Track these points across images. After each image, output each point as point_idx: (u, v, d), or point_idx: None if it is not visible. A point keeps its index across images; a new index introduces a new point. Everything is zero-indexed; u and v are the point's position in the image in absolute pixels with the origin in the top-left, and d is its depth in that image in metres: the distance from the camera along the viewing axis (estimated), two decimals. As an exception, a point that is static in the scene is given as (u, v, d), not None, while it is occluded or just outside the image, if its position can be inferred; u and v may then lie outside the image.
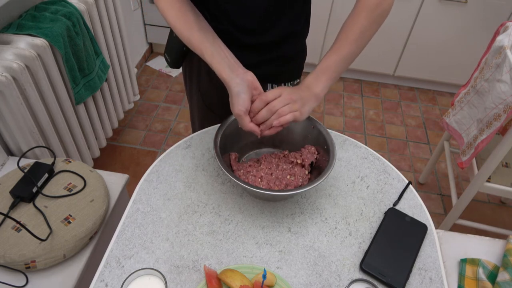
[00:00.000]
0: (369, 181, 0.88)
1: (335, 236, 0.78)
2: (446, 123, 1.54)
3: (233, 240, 0.76)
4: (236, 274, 0.66)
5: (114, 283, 0.69)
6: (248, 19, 0.84)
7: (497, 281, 0.89)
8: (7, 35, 1.22)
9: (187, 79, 1.08)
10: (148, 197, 0.82)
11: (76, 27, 1.35)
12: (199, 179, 0.86)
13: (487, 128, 1.26)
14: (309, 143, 0.87)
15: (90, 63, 1.46)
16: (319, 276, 0.72)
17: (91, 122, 1.62)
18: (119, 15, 1.69)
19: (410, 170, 2.02)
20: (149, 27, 2.48)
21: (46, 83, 1.26)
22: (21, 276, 0.89)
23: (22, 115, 1.18)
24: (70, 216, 0.95)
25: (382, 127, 2.26)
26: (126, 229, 0.76)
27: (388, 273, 0.71)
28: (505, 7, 2.05)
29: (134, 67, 2.20)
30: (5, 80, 1.09)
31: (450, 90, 2.53)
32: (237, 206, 0.82)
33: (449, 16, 2.12)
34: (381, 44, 2.30)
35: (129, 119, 2.18)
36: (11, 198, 0.96)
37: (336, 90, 2.49)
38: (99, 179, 1.06)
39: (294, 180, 0.83)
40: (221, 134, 0.81)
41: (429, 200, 1.88)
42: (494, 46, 1.30)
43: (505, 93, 1.18)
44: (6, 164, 1.18)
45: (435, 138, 2.22)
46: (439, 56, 2.31)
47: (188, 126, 2.16)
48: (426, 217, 0.82)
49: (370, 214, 0.82)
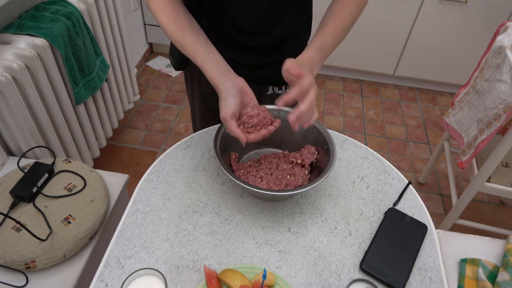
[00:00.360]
0: (369, 181, 0.88)
1: (335, 236, 0.78)
2: (446, 123, 1.54)
3: (233, 240, 0.76)
4: (236, 274, 0.66)
5: (114, 283, 0.69)
6: (248, 19, 0.84)
7: (497, 281, 0.89)
8: (7, 35, 1.22)
9: (188, 81, 1.08)
10: (148, 197, 0.82)
11: (76, 27, 1.35)
12: (199, 179, 0.86)
13: (487, 128, 1.26)
14: (309, 143, 0.87)
15: (90, 63, 1.46)
16: (319, 276, 0.72)
17: (91, 122, 1.62)
18: (119, 15, 1.69)
19: (410, 170, 2.02)
20: (149, 27, 2.48)
21: (46, 83, 1.26)
22: (21, 276, 0.89)
23: (22, 115, 1.18)
24: (70, 216, 0.95)
25: (382, 127, 2.26)
26: (126, 229, 0.76)
27: (388, 273, 0.71)
28: (505, 7, 2.05)
29: (134, 67, 2.20)
30: (5, 80, 1.09)
31: (450, 90, 2.53)
32: (237, 206, 0.82)
33: (449, 16, 2.13)
34: (381, 44, 2.30)
35: (129, 119, 2.18)
36: (11, 198, 0.96)
37: (336, 90, 2.49)
38: (99, 179, 1.06)
39: (294, 180, 0.83)
40: (221, 134, 0.81)
41: (429, 200, 1.88)
42: (494, 46, 1.30)
43: (505, 93, 1.18)
44: (6, 164, 1.18)
45: (435, 138, 2.22)
46: (439, 56, 2.31)
47: (188, 126, 2.16)
48: (426, 217, 0.82)
49: (370, 214, 0.82)
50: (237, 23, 0.84)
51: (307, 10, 0.91)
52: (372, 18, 2.18)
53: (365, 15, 2.41)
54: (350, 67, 2.47)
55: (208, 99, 1.04)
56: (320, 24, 0.81)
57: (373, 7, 2.14)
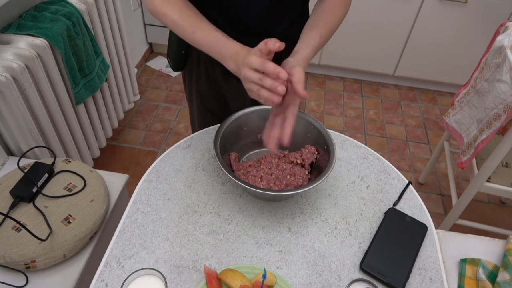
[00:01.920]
0: (369, 181, 0.88)
1: (335, 236, 0.78)
2: (446, 123, 1.54)
3: (233, 240, 0.76)
4: (236, 274, 0.66)
5: (114, 283, 0.69)
6: (248, 19, 0.84)
7: (497, 281, 0.89)
8: (7, 35, 1.22)
9: (187, 81, 1.07)
10: (148, 197, 0.82)
11: (76, 27, 1.35)
12: (199, 179, 0.86)
13: (487, 128, 1.27)
14: (309, 143, 0.87)
15: (90, 63, 1.46)
16: (319, 276, 0.72)
17: (91, 122, 1.62)
18: (119, 15, 1.69)
19: (410, 170, 2.02)
20: (149, 27, 2.48)
21: (46, 83, 1.26)
22: (21, 276, 0.89)
23: (22, 115, 1.18)
24: (70, 216, 0.95)
25: (382, 127, 2.26)
26: (126, 229, 0.76)
27: (388, 273, 0.71)
28: (505, 7, 2.05)
29: (134, 67, 2.20)
30: (5, 80, 1.09)
31: (450, 90, 2.53)
32: (237, 206, 0.82)
33: (449, 16, 2.12)
34: (381, 44, 2.30)
35: (129, 119, 2.18)
36: (11, 198, 0.96)
37: (336, 90, 2.49)
38: (99, 179, 1.06)
39: (294, 180, 0.83)
40: (221, 134, 0.81)
41: (429, 200, 1.88)
42: (494, 46, 1.30)
43: (505, 93, 1.18)
44: (6, 164, 1.18)
45: (435, 138, 2.22)
46: (439, 56, 2.31)
47: (188, 126, 2.16)
48: (426, 217, 0.82)
49: (370, 214, 0.82)
50: (237, 23, 0.84)
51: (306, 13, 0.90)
52: (372, 18, 2.18)
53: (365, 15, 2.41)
54: (350, 67, 2.47)
55: (206, 99, 1.04)
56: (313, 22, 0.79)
57: (373, 7, 2.14)
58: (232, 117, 0.84)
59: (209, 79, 0.99)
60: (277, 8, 0.83)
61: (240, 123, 0.86)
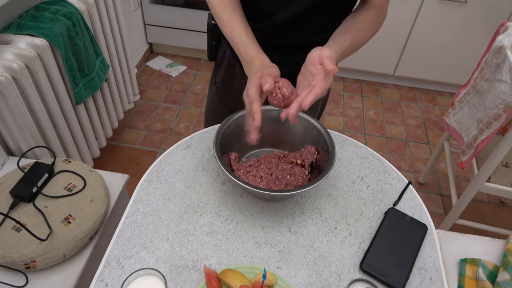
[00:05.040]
0: (369, 181, 0.88)
1: (335, 236, 0.78)
2: (446, 123, 1.54)
3: (233, 240, 0.76)
4: (236, 274, 0.66)
5: (114, 283, 0.69)
6: (285, 16, 0.83)
7: (497, 281, 0.89)
8: (7, 35, 1.22)
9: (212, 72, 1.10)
10: (148, 197, 0.82)
11: (76, 27, 1.35)
12: (199, 179, 0.86)
13: (487, 128, 1.27)
14: (309, 143, 0.86)
15: (90, 63, 1.46)
16: (319, 276, 0.72)
17: (91, 122, 1.62)
18: (119, 15, 1.69)
19: (410, 170, 2.02)
20: (149, 27, 2.48)
21: (46, 83, 1.26)
22: (21, 276, 0.89)
23: (22, 115, 1.18)
24: (70, 216, 0.95)
25: (382, 127, 2.26)
26: (126, 229, 0.76)
27: (388, 273, 0.71)
28: (505, 7, 2.05)
29: (134, 67, 2.20)
30: (5, 80, 1.09)
31: (450, 90, 2.53)
32: (237, 206, 0.82)
33: (449, 16, 2.12)
34: (381, 44, 2.30)
35: (129, 119, 2.18)
36: (11, 198, 0.96)
37: (336, 90, 2.49)
38: (99, 179, 1.06)
39: (294, 180, 0.83)
40: (221, 134, 0.81)
41: (429, 200, 1.88)
42: (494, 46, 1.30)
43: (505, 93, 1.18)
44: (6, 164, 1.18)
45: (435, 138, 2.22)
46: (439, 56, 2.31)
47: (188, 126, 2.16)
48: (426, 217, 0.82)
49: (370, 214, 0.82)
50: (272, 19, 0.83)
51: (339, 21, 0.87)
52: (372, 18, 2.18)
53: (365, 15, 2.37)
54: (350, 67, 2.47)
55: (221, 91, 1.05)
56: (346, 27, 0.80)
57: (373, 7, 2.14)
58: (232, 117, 0.84)
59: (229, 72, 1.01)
60: (314, 8, 0.82)
61: (240, 123, 0.85)
